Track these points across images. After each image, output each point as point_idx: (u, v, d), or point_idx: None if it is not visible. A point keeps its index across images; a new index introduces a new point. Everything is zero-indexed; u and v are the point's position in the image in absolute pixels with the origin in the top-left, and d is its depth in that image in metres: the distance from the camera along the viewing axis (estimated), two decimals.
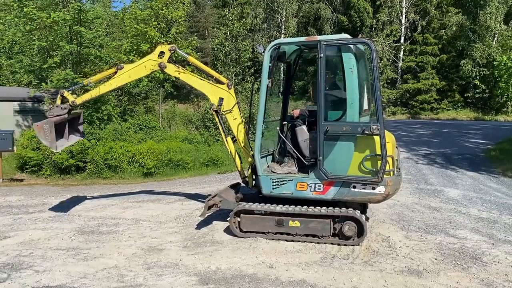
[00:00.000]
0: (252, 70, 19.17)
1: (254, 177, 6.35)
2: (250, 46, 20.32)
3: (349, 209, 5.79)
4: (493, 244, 5.85)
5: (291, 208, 5.81)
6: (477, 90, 32.20)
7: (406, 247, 5.66)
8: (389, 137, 5.66)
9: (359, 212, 5.79)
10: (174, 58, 6.87)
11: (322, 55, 5.55)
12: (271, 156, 6.51)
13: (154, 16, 15.10)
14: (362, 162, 5.47)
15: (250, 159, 6.46)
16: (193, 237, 6.18)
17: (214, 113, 6.60)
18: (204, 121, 16.09)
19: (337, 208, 5.79)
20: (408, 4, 35.78)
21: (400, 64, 35.27)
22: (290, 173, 6.01)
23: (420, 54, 34.06)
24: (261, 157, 6.15)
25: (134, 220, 7.15)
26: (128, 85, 15.06)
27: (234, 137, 6.64)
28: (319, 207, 5.82)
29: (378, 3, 35.71)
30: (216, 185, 9.85)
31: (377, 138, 5.36)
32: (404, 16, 35.91)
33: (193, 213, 7.41)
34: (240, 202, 6.26)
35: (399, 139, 17.89)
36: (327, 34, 37.71)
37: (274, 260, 5.22)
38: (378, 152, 5.36)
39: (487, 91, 31.72)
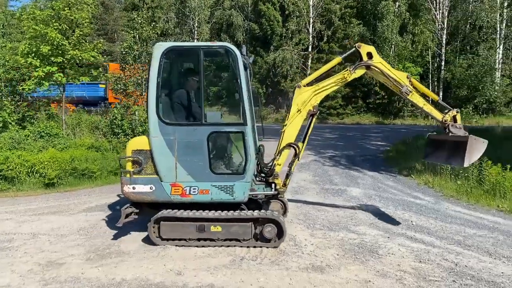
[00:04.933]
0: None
1: None
2: None
3: (268, 211, 5.96)
4: (389, 237, 6.34)
5: (211, 213, 5.79)
6: (377, 97, 34.77)
7: (311, 245, 5.92)
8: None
9: (279, 214, 6.00)
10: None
11: None
12: None
13: (55, 17, 14.16)
14: None
15: None
16: (97, 249, 5.88)
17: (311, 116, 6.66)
18: (113, 128, 15.38)
19: (257, 211, 5.91)
20: (314, 14, 37.63)
21: (309, 71, 36.89)
22: None
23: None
24: None
25: (31, 234, 6.61)
26: (27, 89, 14.01)
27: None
28: (238, 211, 5.90)
29: (287, 12, 37.05)
30: None
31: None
32: (311, 26, 37.70)
33: (98, 224, 7.06)
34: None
35: (309, 143, 18.68)
36: (239, 41, 38.43)
37: (183, 267, 5.16)
38: None
39: (386, 97, 34.37)
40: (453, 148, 6.26)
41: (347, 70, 6.58)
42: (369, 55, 6.57)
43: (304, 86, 6.52)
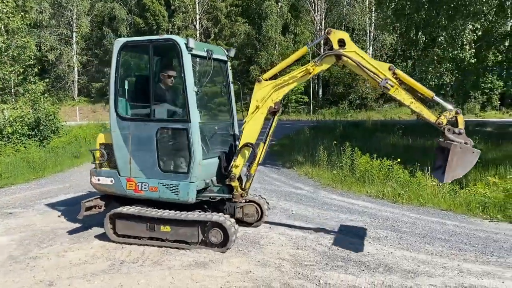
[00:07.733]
0: (36, 70, 17.18)
1: None
2: (33, 43, 18.22)
3: (214, 213, 5.72)
4: (270, 227, 6.61)
5: (159, 213, 5.58)
6: None
7: None
8: None
9: (224, 217, 5.58)
10: None
11: None
12: None
13: None
14: None
15: None
16: None
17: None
18: None
19: (203, 213, 5.73)
20: (201, 11, 37.62)
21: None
22: None
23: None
24: None
25: None
26: None
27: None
28: (185, 212, 5.66)
29: (173, 7, 36.49)
30: None
31: None
32: (198, 22, 37.63)
33: None
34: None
35: None
36: (124, 35, 36.85)
37: (56, 276, 4.79)
38: None
39: None
40: (443, 157, 4.96)
41: (312, 62, 5.59)
42: (342, 43, 5.36)
43: (266, 80, 5.81)
